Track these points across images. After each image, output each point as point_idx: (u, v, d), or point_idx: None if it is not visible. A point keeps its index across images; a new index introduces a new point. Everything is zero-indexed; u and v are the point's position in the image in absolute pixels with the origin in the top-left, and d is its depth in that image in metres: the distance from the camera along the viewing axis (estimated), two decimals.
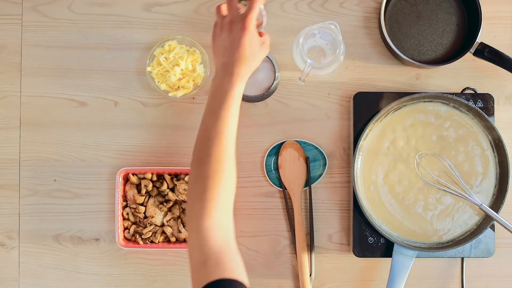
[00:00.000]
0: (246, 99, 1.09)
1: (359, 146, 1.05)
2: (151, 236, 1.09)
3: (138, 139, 1.11)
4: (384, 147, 1.07)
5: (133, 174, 1.08)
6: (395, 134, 1.07)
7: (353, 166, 1.06)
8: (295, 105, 1.12)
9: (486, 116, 1.05)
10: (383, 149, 1.07)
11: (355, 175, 1.06)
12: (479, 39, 1.07)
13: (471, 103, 1.06)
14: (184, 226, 1.08)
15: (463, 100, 1.05)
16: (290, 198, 1.11)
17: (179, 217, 1.09)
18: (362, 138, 1.05)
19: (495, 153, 1.07)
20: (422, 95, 1.06)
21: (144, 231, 1.08)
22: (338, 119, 1.12)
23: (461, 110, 1.07)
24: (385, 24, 1.08)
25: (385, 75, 1.12)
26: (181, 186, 1.07)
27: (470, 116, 1.07)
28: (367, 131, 1.06)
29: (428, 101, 1.08)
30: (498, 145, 1.06)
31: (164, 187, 1.08)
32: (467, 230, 1.07)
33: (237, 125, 0.89)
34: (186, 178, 1.08)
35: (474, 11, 1.08)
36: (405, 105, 1.08)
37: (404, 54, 1.08)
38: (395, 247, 1.05)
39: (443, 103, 1.08)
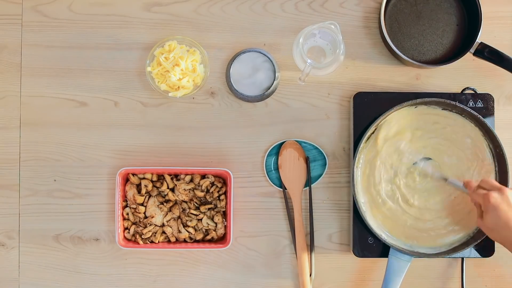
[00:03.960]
0: (246, 99, 1.09)
1: (359, 150, 1.05)
2: (151, 236, 1.09)
3: (138, 139, 1.11)
4: (384, 150, 1.07)
5: (133, 174, 1.08)
6: (396, 138, 1.07)
7: (353, 170, 1.06)
8: (295, 105, 1.12)
9: (489, 125, 1.04)
10: (384, 153, 1.07)
11: (355, 180, 1.06)
12: (479, 39, 1.07)
13: (475, 113, 1.04)
14: (184, 226, 1.08)
15: (466, 108, 1.04)
16: (290, 198, 1.11)
17: (179, 217, 1.09)
18: (363, 141, 1.05)
19: (496, 162, 1.06)
20: (425, 100, 1.05)
21: (144, 231, 1.08)
22: (338, 119, 1.12)
23: (463, 116, 1.07)
24: (385, 24, 1.08)
25: (385, 75, 1.12)
26: (181, 186, 1.07)
27: (472, 124, 1.07)
28: (368, 133, 1.05)
29: (430, 106, 1.07)
30: (498, 154, 1.05)
31: (164, 187, 1.08)
32: (466, 235, 1.06)
33: None
34: (186, 178, 1.08)
35: (474, 11, 1.08)
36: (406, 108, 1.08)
37: (404, 54, 1.08)
38: (391, 251, 1.05)
39: (444, 109, 1.07)
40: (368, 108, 1.07)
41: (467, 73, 1.12)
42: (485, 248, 1.07)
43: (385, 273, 1.04)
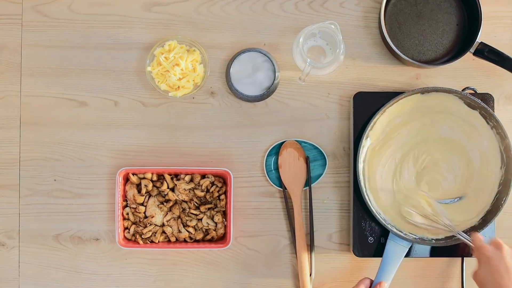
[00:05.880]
0: (246, 99, 1.09)
1: (364, 136, 1.05)
2: (151, 236, 1.09)
3: (138, 139, 1.11)
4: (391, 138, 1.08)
5: (133, 174, 1.08)
6: (399, 129, 1.08)
7: (359, 150, 1.05)
8: (295, 105, 1.12)
9: (502, 126, 1.04)
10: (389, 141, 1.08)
11: (358, 161, 1.06)
12: (479, 39, 1.07)
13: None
14: (184, 226, 1.08)
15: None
16: (290, 198, 1.11)
17: (179, 217, 1.09)
18: (368, 128, 1.05)
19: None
20: (437, 88, 1.05)
21: (144, 231, 1.08)
22: (338, 119, 1.12)
23: (458, 97, 1.07)
24: (385, 24, 1.08)
25: (385, 75, 1.12)
26: (181, 186, 1.07)
27: (467, 106, 1.07)
28: (372, 122, 1.05)
29: (430, 94, 1.07)
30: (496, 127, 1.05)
31: (164, 187, 1.08)
32: (468, 227, 1.06)
33: None
34: (186, 178, 1.08)
35: (474, 11, 1.08)
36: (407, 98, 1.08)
37: (404, 54, 1.08)
38: (390, 236, 1.05)
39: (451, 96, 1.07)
40: (368, 108, 1.07)
41: (467, 73, 1.12)
42: None
43: (382, 258, 1.04)
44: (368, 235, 1.07)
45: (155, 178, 1.09)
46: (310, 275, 1.09)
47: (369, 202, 1.05)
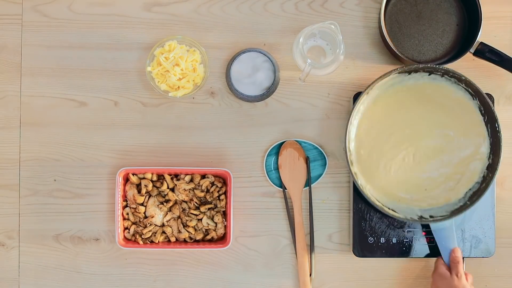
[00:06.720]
0: (246, 99, 1.09)
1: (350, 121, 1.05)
2: (151, 236, 1.09)
3: (138, 139, 1.11)
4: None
5: (133, 174, 1.08)
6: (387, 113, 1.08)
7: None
8: (295, 105, 1.12)
9: (473, 83, 1.04)
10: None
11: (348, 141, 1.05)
12: (479, 39, 1.07)
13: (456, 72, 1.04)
14: (184, 226, 1.08)
15: (445, 68, 1.04)
16: (290, 198, 1.11)
17: (179, 217, 1.09)
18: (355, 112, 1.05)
19: (485, 116, 1.06)
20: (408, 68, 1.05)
21: (144, 231, 1.08)
22: (338, 119, 1.12)
23: (451, 81, 1.07)
24: (385, 24, 1.08)
25: None
26: (181, 186, 1.07)
27: (459, 86, 1.07)
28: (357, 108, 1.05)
29: (409, 73, 1.06)
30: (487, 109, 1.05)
31: (164, 187, 1.08)
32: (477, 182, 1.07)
33: None
34: (186, 178, 1.08)
35: (474, 11, 1.08)
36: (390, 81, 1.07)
37: (404, 54, 1.08)
38: (432, 226, 1.05)
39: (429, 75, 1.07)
40: None
41: (467, 73, 1.12)
42: (485, 248, 1.07)
43: (438, 244, 1.05)
44: (368, 235, 1.07)
45: (155, 178, 1.09)
46: (310, 275, 1.09)
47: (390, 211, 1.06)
